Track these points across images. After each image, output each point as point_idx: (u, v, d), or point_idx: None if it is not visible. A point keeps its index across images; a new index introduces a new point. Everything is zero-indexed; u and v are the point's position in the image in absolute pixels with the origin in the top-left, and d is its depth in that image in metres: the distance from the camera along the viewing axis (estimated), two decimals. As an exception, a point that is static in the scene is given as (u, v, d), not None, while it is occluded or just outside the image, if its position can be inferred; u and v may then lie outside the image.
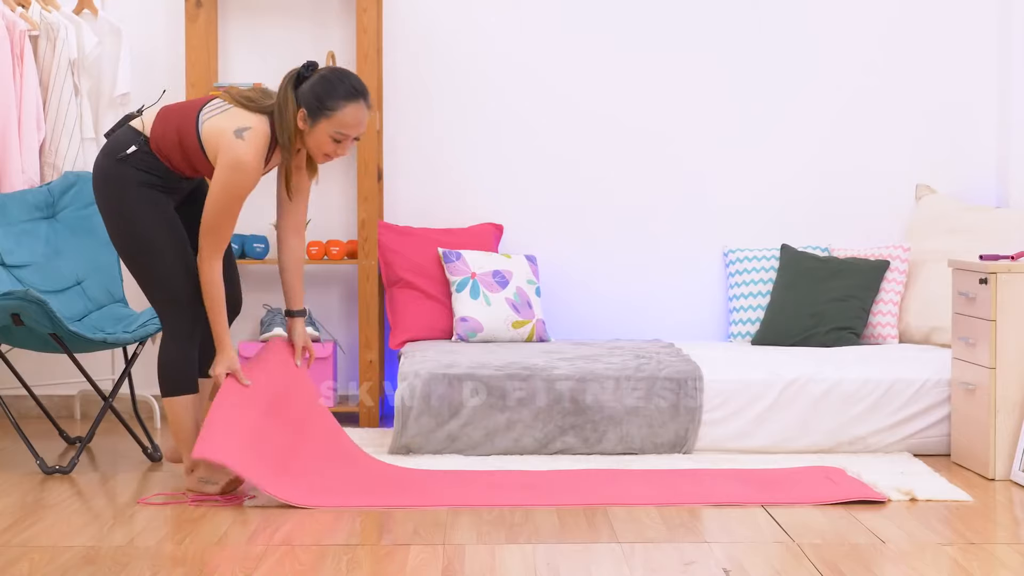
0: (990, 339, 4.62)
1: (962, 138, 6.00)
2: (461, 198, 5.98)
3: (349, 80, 4.26)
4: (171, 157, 4.29)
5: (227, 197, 4.20)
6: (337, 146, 4.27)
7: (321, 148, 4.27)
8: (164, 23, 5.91)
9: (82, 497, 4.38)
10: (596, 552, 3.68)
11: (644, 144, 6.00)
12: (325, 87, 4.22)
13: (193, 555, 3.65)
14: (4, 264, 5.06)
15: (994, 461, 4.61)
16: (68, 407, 5.95)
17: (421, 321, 5.65)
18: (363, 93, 4.26)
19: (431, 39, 5.96)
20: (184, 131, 4.26)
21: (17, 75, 5.26)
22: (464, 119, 5.99)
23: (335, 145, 4.26)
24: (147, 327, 4.92)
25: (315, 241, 5.81)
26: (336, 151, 4.28)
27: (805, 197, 6.02)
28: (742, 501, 4.23)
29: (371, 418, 5.66)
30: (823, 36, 5.99)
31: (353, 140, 4.29)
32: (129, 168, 4.28)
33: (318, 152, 4.29)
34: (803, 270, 5.74)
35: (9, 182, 5.23)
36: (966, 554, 3.66)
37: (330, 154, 4.28)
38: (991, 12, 5.96)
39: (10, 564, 3.55)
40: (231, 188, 4.19)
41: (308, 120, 4.23)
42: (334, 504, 4.19)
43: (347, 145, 4.27)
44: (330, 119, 4.22)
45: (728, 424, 4.99)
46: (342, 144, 4.26)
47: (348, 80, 4.26)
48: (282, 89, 4.25)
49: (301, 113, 4.22)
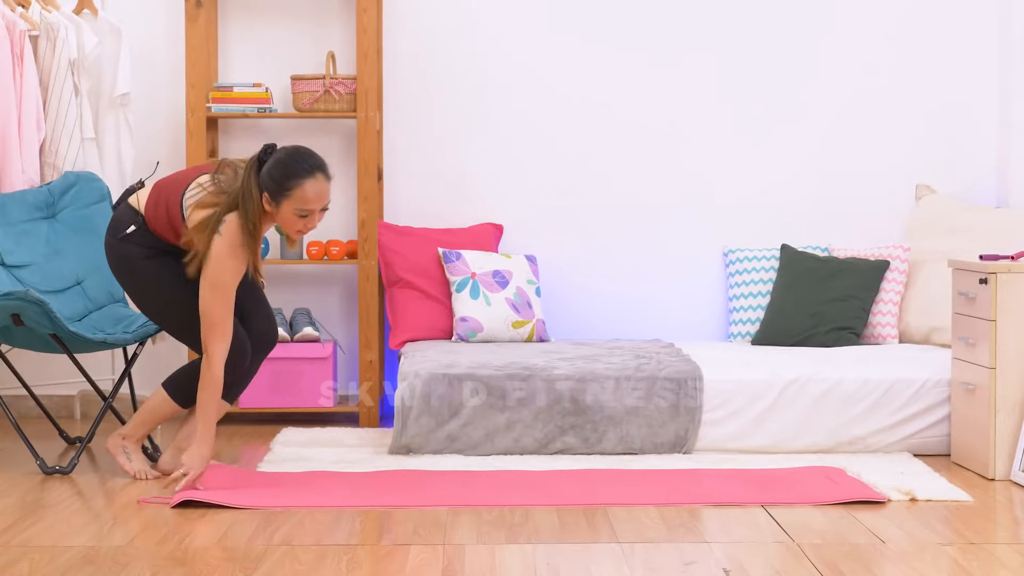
0: (990, 339, 4.62)
1: (962, 138, 6.00)
2: (461, 198, 5.98)
3: (304, 158, 4.37)
4: (166, 235, 4.51)
5: (216, 291, 4.36)
6: (305, 221, 4.37)
7: (291, 227, 4.39)
8: (164, 23, 5.91)
9: (82, 497, 4.38)
10: (596, 552, 3.68)
11: (644, 144, 6.00)
12: (281, 170, 4.34)
13: (193, 555, 3.65)
14: (4, 264, 5.06)
15: (994, 461, 4.61)
16: (68, 407, 5.95)
17: (421, 321, 5.66)
18: (319, 167, 4.37)
19: (431, 39, 5.96)
20: (172, 215, 4.46)
21: (17, 75, 5.25)
22: (464, 119, 5.99)
23: (302, 221, 4.37)
24: (147, 327, 4.92)
25: (315, 241, 5.81)
26: (305, 226, 4.38)
27: (805, 197, 6.02)
28: (742, 501, 4.23)
29: (371, 418, 5.67)
30: (823, 36, 5.99)
31: (320, 211, 4.38)
32: (132, 246, 4.54)
33: (290, 230, 4.42)
34: (803, 270, 5.74)
35: (9, 182, 5.23)
36: (966, 554, 3.66)
37: (301, 230, 4.39)
38: (991, 12, 5.96)
39: (10, 564, 3.55)
40: (219, 283, 4.36)
41: (272, 203, 4.35)
42: (334, 504, 4.19)
43: (315, 218, 4.38)
44: (291, 198, 4.33)
45: (728, 424, 4.99)
46: (309, 218, 4.37)
47: (303, 158, 4.37)
48: (244, 179, 4.36)
49: (265, 198, 4.34)
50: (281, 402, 5.68)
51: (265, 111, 5.73)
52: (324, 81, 5.73)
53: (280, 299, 5.96)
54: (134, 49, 5.72)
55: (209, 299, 4.36)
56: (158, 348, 5.86)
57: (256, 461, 4.91)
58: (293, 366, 5.66)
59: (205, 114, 5.67)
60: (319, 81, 5.74)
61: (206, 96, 5.70)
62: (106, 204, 5.26)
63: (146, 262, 4.53)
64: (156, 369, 5.94)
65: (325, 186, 4.36)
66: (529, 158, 5.99)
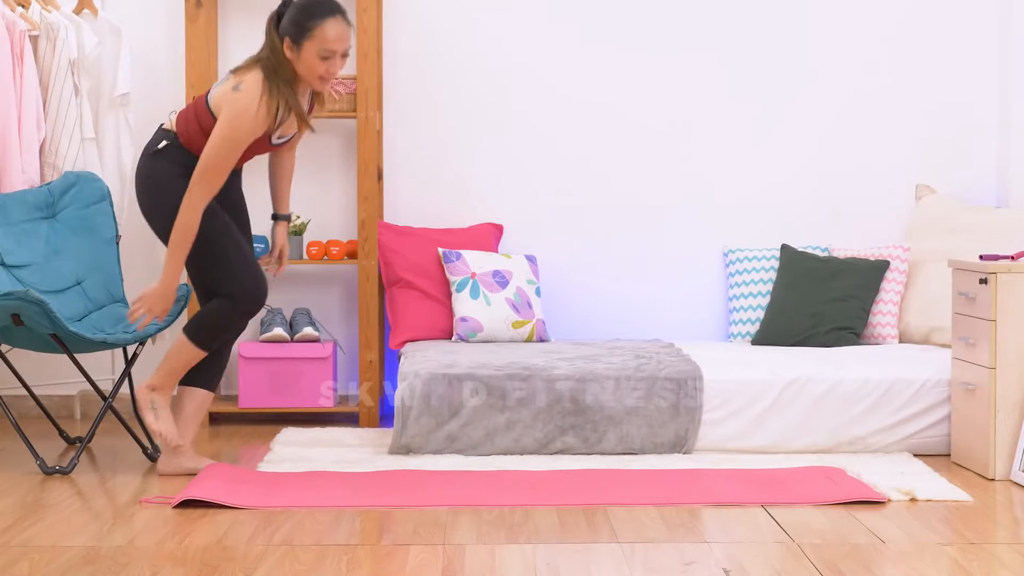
0: (990, 339, 4.62)
1: (962, 138, 6.00)
2: (461, 198, 5.98)
3: (323, 1, 4.43)
4: (198, 143, 4.51)
5: (225, 143, 4.41)
6: (327, 64, 4.41)
7: (313, 71, 4.42)
8: (164, 23, 5.91)
9: (82, 497, 4.39)
10: (596, 552, 3.68)
11: (644, 144, 6.00)
12: (301, 12, 4.41)
13: (193, 555, 3.65)
14: (4, 264, 5.06)
15: (994, 461, 4.61)
16: (68, 407, 5.95)
17: (421, 321, 5.66)
18: (338, 9, 4.43)
19: (431, 39, 5.96)
20: (200, 112, 4.52)
21: (17, 75, 5.25)
22: (464, 119, 5.99)
23: (325, 64, 4.40)
24: (147, 327, 4.91)
25: (315, 241, 5.81)
26: (328, 70, 4.42)
27: (805, 197, 6.02)
28: (742, 501, 4.23)
29: (371, 418, 5.67)
30: (824, 36, 5.99)
31: (341, 57, 4.42)
32: (164, 162, 4.56)
33: (312, 76, 4.44)
34: (803, 270, 5.74)
35: (9, 182, 5.23)
36: (966, 554, 3.66)
37: (323, 76, 4.43)
38: (991, 12, 5.96)
39: (10, 564, 3.55)
40: (230, 133, 4.40)
41: (294, 47, 4.40)
42: (334, 504, 4.20)
43: (336, 62, 4.42)
44: (312, 39, 4.39)
45: (728, 424, 4.99)
46: (331, 61, 4.41)
47: (322, 1, 4.43)
48: (266, 32, 4.45)
49: (286, 43, 4.40)
50: (281, 402, 5.68)
51: (265, 111, 5.72)
52: (324, 81, 5.73)
53: (280, 299, 5.96)
54: (134, 49, 5.72)
55: (214, 147, 4.40)
56: (158, 348, 5.86)
57: (256, 461, 4.91)
58: (293, 366, 5.66)
59: (205, 114, 5.67)
60: (319, 81, 5.73)
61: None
62: (106, 204, 5.26)
63: (179, 181, 4.50)
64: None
65: (346, 28, 4.42)
66: (529, 158, 5.99)
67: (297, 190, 5.95)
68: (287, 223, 4.97)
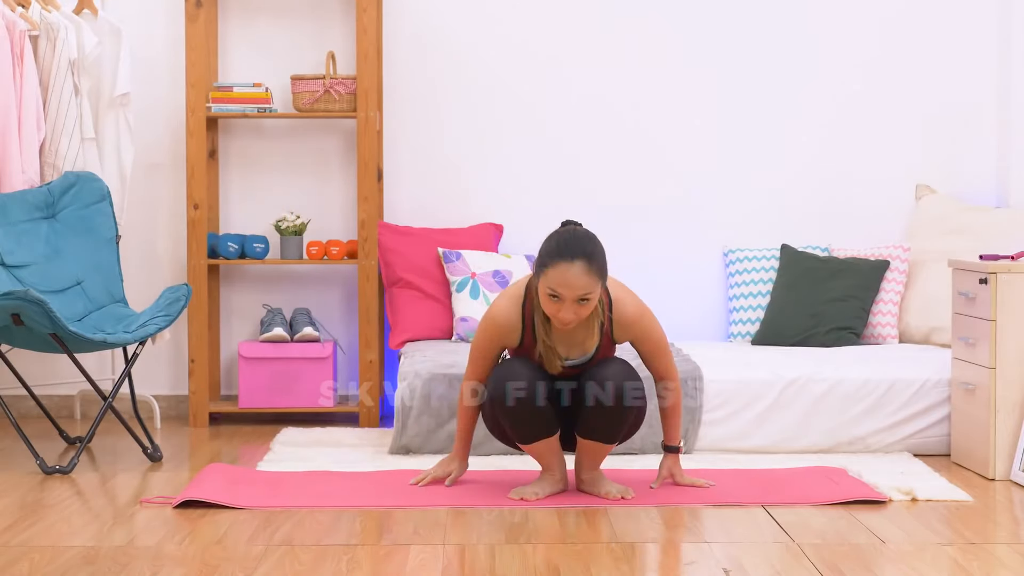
0: (990, 339, 4.62)
1: (962, 138, 6.00)
2: (461, 198, 5.98)
3: (564, 237, 4.09)
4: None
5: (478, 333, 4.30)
6: (557, 306, 4.05)
7: (545, 308, 4.09)
8: (164, 23, 5.91)
9: (82, 497, 4.38)
10: (596, 552, 3.68)
11: (645, 144, 6.00)
12: (546, 245, 4.11)
13: (193, 555, 3.65)
14: (4, 264, 5.06)
15: (994, 461, 4.61)
16: (68, 407, 5.95)
17: (421, 321, 5.65)
18: (572, 252, 4.03)
19: (431, 39, 5.96)
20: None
21: (17, 75, 5.25)
22: (464, 119, 5.99)
23: (554, 305, 4.06)
24: (147, 327, 4.92)
25: (315, 241, 5.81)
26: (557, 313, 4.06)
27: (805, 197, 6.02)
28: (742, 501, 4.23)
29: (371, 418, 5.66)
30: (824, 36, 5.99)
31: (579, 302, 4.04)
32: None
33: (547, 310, 4.11)
34: (803, 270, 5.74)
35: (9, 182, 5.23)
36: (966, 554, 3.66)
37: (552, 316, 4.09)
38: (991, 12, 5.96)
39: (10, 564, 3.55)
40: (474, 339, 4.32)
41: (535, 278, 4.14)
42: (334, 504, 4.20)
43: (568, 307, 4.04)
44: (545, 275, 4.06)
45: (728, 424, 4.99)
46: (560, 304, 4.04)
47: (563, 237, 4.09)
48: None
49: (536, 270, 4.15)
50: (281, 402, 5.68)
51: (265, 111, 5.73)
52: (324, 81, 5.73)
53: (280, 299, 5.96)
54: (134, 49, 5.71)
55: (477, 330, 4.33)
56: (158, 348, 5.87)
57: (256, 461, 4.91)
58: (293, 366, 5.66)
59: (205, 114, 5.67)
60: (319, 81, 5.74)
61: (206, 96, 5.70)
62: (106, 204, 5.27)
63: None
64: (156, 369, 5.95)
65: (577, 274, 4.01)
66: (529, 158, 5.99)
67: (297, 190, 5.96)
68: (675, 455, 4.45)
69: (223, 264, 5.73)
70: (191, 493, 4.22)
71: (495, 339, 4.26)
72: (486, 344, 4.28)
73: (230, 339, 5.97)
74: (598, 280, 4.07)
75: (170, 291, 5.09)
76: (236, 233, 5.84)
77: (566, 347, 4.26)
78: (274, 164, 5.97)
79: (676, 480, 4.42)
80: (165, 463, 4.94)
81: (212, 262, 5.70)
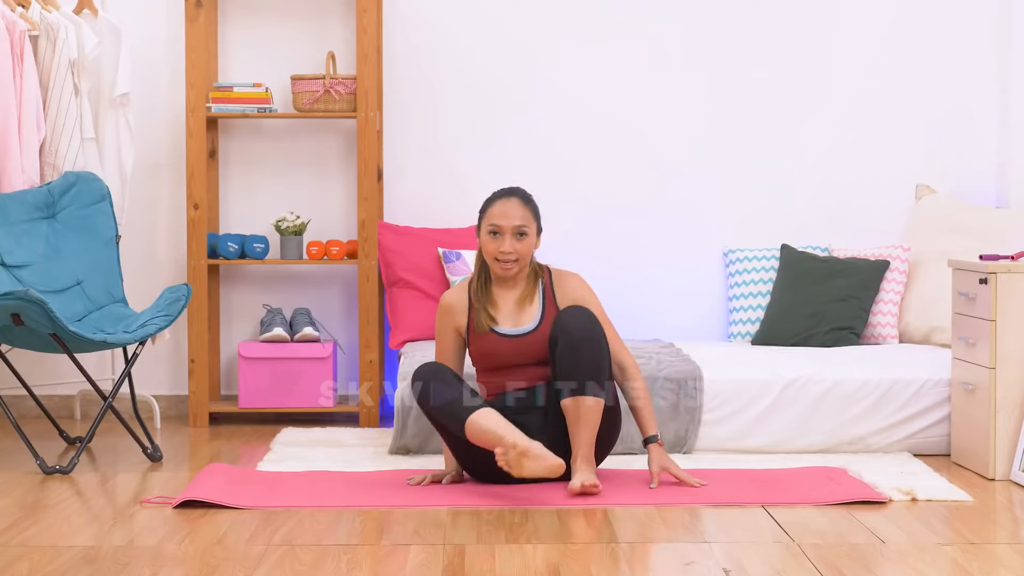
0: (990, 339, 4.62)
1: (962, 138, 6.00)
2: (461, 198, 5.98)
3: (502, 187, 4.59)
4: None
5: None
6: (497, 242, 4.44)
7: (487, 249, 4.47)
8: (164, 23, 5.91)
9: (82, 497, 4.38)
10: (596, 552, 3.68)
11: (644, 143, 6.00)
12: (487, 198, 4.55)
13: (193, 555, 3.65)
14: (4, 264, 5.06)
15: (994, 461, 4.61)
16: (68, 407, 5.95)
17: (421, 321, 5.65)
18: (509, 191, 4.51)
19: (430, 39, 5.96)
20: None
21: (17, 75, 5.25)
22: (464, 119, 5.99)
23: (494, 243, 4.44)
24: (147, 327, 4.92)
25: (315, 241, 5.81)
26: (498, 249, 4.44)
27: (805, 197, 6.02)
28: (742, 501, 4.23)
29: (371, 418, 5.66)
30: (824, 37, 5.99)
31: (517, 236, 4.44)
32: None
33: (491, 260, 4.48)
34: (803, 270, 5.73)
35: (9, 182, 5.23)
36: (966, 554, 3.66)
37: (494, 255, 4.45)
38: (991, 14, 5.96)
39: (10, 564, 3.55)
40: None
41: (478, 231, 4.51)
42: (334, 504, 4.20)
43: (507, 241, 4.42)
44: (485, 216, 4.48)
45: (728, 424, 4.99)
46: (501, 240, 4.43)
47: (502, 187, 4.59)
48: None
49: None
50: (281, 402, 5.68)
51: (265, 111, 5.73)
52: (324, 81, 5.74)
53: (280, 299, 5.97)
54: (134, 49, 5.71)
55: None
56: (158, 348, 5.87)
57: (256, 461, 4.91)
58: (293, 366, 5.66)
59: (205, 114, 5.67)
60: (319, 81, 5.74)
61: (206, 96, 5.70)
62: (106, 204, 5.27)
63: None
64: (156, 369, 5.95)
65: (513, 205, 4.46)
66: (529, 158, 5.99)
67: (297, 190, 5.96)
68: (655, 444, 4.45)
69: (223, 264, 5.74)
70: (191, 493, 4.22)
71: (444, 319, 4.55)
72: (439, 326, 4.57)
73: (230, 339, 5.97)
74: (533, 218, 4.49)
75: (170, 291, 5.09)
76: (236, 233, 5.84)
77: (510, 317, 4.53)
78: (274, 164, 5.97)
79: (671, 471, 4.41)
80: (165, 463, 4.94)
81: (212, 262, 5.70)
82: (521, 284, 4.56)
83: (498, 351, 4.50)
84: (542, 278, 4.58)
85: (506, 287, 4.55)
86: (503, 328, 4.51)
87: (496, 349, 4.50)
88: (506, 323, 4.52)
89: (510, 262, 4.45)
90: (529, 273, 4.56)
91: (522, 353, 4.50)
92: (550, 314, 4.51)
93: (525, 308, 4.53)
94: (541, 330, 4.49)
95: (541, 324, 4.50)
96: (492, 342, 4.50)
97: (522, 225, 4.44)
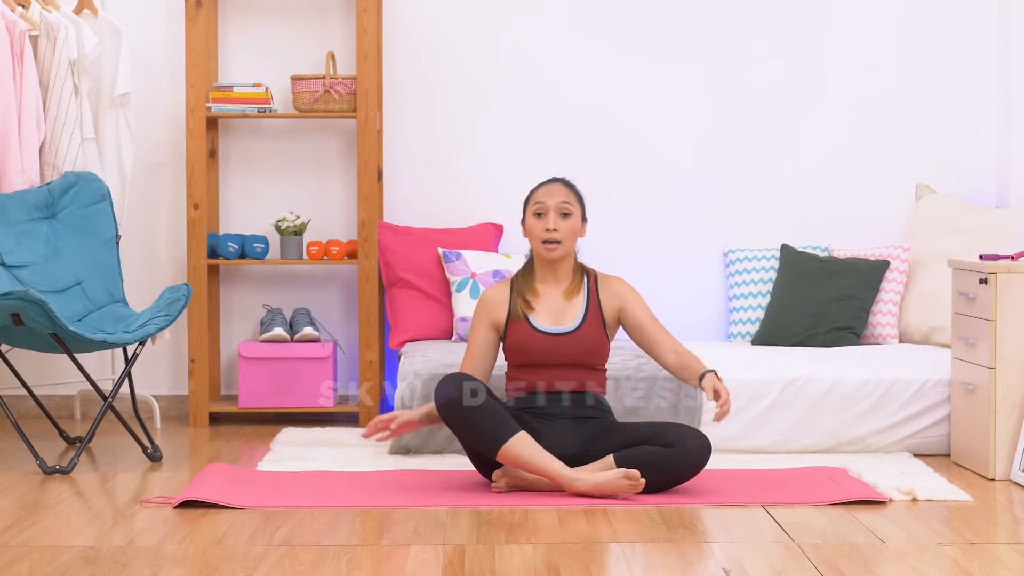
0: (990, 339, 4.62)
1: (962, 138, 6.00)
2: (461, 198, 5.98)
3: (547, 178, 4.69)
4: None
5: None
6: (543, 222, 4.50)
7: (535, 236, 4.53)
8: (164, 23, 5.91)
9: (82, 497, 4.39)
10: (596, 552, 3.68)
11: (644, 143, 6.00)
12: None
13: (193, 555, 3.65)
14: (4, 264, 5.06)
15: (994, 461, 4.61)
16: (68, 407, 5.95)
17: (421, 321, 5.65)
18: (553, 178, 4.62)
19: (431, 39, 5.96)
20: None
21: (17, 75, 5.25)
22: (464, 119, 5.99)
23: (540, 223, 4.51)
24: (147, 327, 4.92)
25: (315, 241, 5.81)
26: (544, 229, 4.49)
27: (805, 197, 6.02)
28: (742, 501, 4.23)
29: (371, 418, 5.65)
30: (824, 37, 5.99)
31: (557, 215, 4.49)
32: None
33: (537, 243, 4.53)
34: (803, 270, 5.74)
35: (9, 182, 5.23)
36: (966, 554, 3.66)
37: (540, 235, 4.50)
38: (991, 14, 5.96)
39: (10, 564, 3.55)
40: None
41: (523, 224, 4.59)
42: (334, 504, 4.20)
43: (552, 219, 4.49)
44: (531, 201, 4.57)
45: (728, 424, 4.98)
46: (546, 220, 4.50)
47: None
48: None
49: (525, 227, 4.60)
50: (281, 402, 5.68)
51: (265, 111, 5.73)
52: (324, 81, 5.74)
53: (280, 299, 5.97)
54: (134, 49, 5.71)
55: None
56: (158, 348, 5.87)
57: (256, 461, 4.91)
58: (293, 366, 5.66)
59: (205, 114, 5.67)
60: (319, 81, 5.74)
61: (206, 96, 5.70)
62: (106, 204, 5.27)
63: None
64: (156, 369, 5.95)
65: (557, 187, 4.55)
66: (529, 158, 5.99)
67: (297, 190, 5.96)
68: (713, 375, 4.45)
69: (223, 264, 5.74)
70: (191, 493, 4.22)
71: (482, 313, 4.56)
72: (475, 321, 4.58)
73: (230, 339, 5.97)
74: (577, 200, 4.57)
75: (170, 291, 5.09)
76: (236, 233, 5.84)
77: (550, 314, 4.53)
78: (274, 164, 5.97)
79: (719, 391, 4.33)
80: (165, 463, 4.94)
81: (212, 262, 5.70)
82: (565, 280, 4.58)
83: (533, 347, 4.49)
84: (587, 279, 4.60)
85: (550, 282, 4.56)
86: (541, 324, 4.51)
87: (531, 345, 4.49)
88: (545, 320, 4.52)
89: (554, 242, 4.48)
90: (575, 268, 4.59)
91: (558, 353, 4.49)
92: (592, 317, 4.53)
93: (567, 307, 4.54)
94: (581, 332, 4.50)
95: (582, 325, 4.51)
96: (528, 336, 4.49)
97: (566, 202, 4.51)
